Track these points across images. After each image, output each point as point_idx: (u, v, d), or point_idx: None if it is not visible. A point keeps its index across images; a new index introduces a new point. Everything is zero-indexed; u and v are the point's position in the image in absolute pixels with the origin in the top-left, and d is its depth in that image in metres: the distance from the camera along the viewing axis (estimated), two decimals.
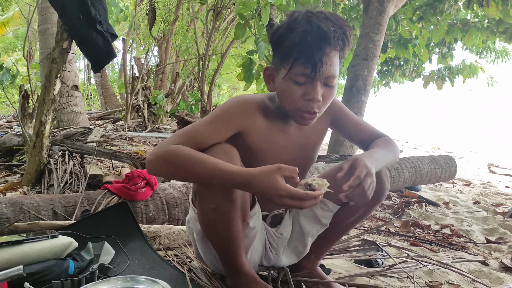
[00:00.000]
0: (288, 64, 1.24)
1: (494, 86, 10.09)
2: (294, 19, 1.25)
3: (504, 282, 2.06)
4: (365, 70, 4.38)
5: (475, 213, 3.74)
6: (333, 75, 1.25)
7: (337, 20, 1.23)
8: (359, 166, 1.19)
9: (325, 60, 1.21)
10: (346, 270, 1.86)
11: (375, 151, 1.34)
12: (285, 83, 1.27)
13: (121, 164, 3.49)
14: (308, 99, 1.25)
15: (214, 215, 1.26)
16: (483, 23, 7.14)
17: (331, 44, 1.21)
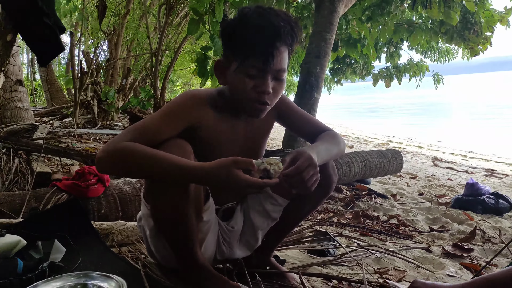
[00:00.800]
0: (240, 57, 1.28)
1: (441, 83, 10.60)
2: (245, 14, 1.29)
3: (445, 267, 2.20)
4: (318, 67, 4.48)
5: (420, 204, 3.94)
6: (283, 69, 1.30)
7: (286, 17, 1.29)
8: (301, 157, 1.21)
9: (275, 54, 1.26)
10: (300, 261, 1.92)
11: (319, 145, 1.39)
12: (237, 76, 1.31)
13: (70, 161, 3.39)
14: (259, 91, 1.29)
15: (167, 211, 1.27)
16: (427, 24, 7.51)
17: (281, 39, 1.26)
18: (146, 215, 1.39)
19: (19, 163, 2.75)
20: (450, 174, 7.32)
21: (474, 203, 3.88)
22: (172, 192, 1.24)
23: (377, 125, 21.36)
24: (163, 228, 1.34)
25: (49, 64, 11.67)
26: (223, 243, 1.54)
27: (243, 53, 1.27)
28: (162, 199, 1.26)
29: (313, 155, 1.24)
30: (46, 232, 1.70)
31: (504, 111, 25.26)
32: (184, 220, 1.28)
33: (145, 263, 1.62)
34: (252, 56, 1.26)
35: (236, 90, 1.33)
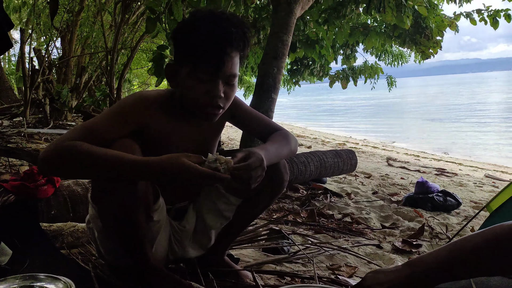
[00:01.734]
0: (191, 62, 1.28)
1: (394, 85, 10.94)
2: (197, 19, 1.30)
3: (394, 262, 2.28)
4: (275, 68, 4.52)
5: (373, 202, 4.06)
6: (234, 74, 1.32)
7: (238, 22, 1.30)
8: (253, 157, 1.23)
9: (227, 60, 1.27)
10: (254, 259, 1.94)
11: (270, 145, 1.41)
12: (188, 81, 1.31)
13: (20, 162, 3.26)
14: (211, 96, 1.30)
15: (115, 211, 1.26)
16: (381, 28, 7.74)
17: (233, 45, 1.27)
18: (94, 216, 1.37)
19: None
20: (403, 173, 7.57)
21: (424, 201, 4.05)
22: (119, 192, 1.22)
23: (334, 126, 21.83)
24: (111, 229, 1.32)
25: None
26: (175, 242, 1.53)
27: (195, 58, 1.28)
28: (109, 200, 1.24)
29: (263, 156, 1.26)
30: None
31: (454, 112, 26.48)
32: (132, 220, 1.26)
33: (95, 265, 1.58)
34: (203, 62, 1.27)
35: (188, 94, 1.33)
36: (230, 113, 1.53)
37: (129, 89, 15.52)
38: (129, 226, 1.28)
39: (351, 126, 21.71)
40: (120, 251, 1.37)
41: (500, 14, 6.80)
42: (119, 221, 1.27)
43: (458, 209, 4.06)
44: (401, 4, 5.70)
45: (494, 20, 6.90)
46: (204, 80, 1.29)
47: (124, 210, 1.25)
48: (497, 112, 25.00)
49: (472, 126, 18.96)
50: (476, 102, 33.93)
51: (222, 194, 1.54)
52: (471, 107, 29.00)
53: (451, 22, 7.52)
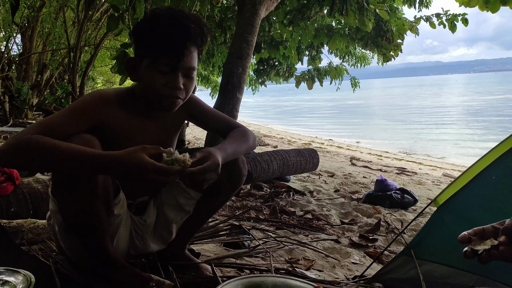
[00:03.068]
0: (152, 55, 1.35)
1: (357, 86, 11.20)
2: (157, 15, 1.37)
3: (351, 255, 2.39)
4: (240, 68, 4.58)
5: (335, 200, 4.19)
6: (193, 67, 1.40)
7: (196, 20, 1.39)
8: (210, 160, 1.28)
9: (186, 53, 1.35)
10: (215, 253, 1.99)
11: (229, 143, 1.47)
12: (148, 73, 1.37)
13: None
14: (171, 87, 1.36)
15: (75, 206, 1.28)
16: (345, 30, 7.93)
17: (192, 40, 1.36)
18: (55, 211, 1.38)
19: None
20: (365, 172, 7.79)
21: (382, 198, 4.21)
22: (79, 186, 1.24)
23: (300, 126, 22.11)
24: (72, 223, 1.34)
25: None
26: (136, 237, 1.56)
27: (155, 51, 1.35)
28: (69, 194, 1.26)
29: (220, 158, 1.32)
30: None
31: (416, 113, 27.32)
32: (92, 214, 1.29)
33: (56, 260, 1.59)
34: (163, 54, 1.34)
35: (148, 86, 1.39)
36: (189, 111, 1.59)
37: (93, 87, 15.20)
38: (88, 221, 1.30)
39: (317, 126, 22.05)
40: (80, 246, 1.39)
41: (458, 19, 7.09)
42: (79, 216, 1.29)
43: (415, 206, 4.23)
44: (363, 8, 5.88)
45: (452, 24, 7.18)
46: (165, 72, 1.36)
47: (83, 204, 1.27)
48: (456, 114, 26.00)
49: (433, 127, 19.67)
50: (437, 103, 35.14)
51: (183, 189, 1.59)
52: (432, 109, 30.02)
53: (411, 26, 7.78)
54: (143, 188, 1.58)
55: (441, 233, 1.84)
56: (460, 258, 1.77)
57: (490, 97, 39.03)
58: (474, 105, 31.00)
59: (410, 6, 7.73)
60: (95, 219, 1.31)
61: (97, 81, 16.21)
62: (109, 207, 1.38)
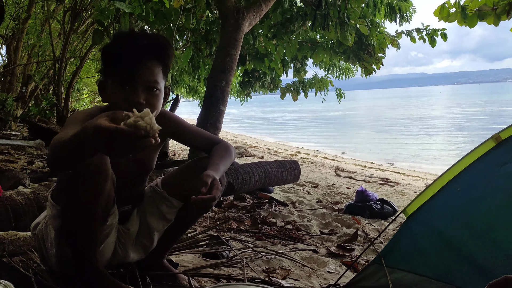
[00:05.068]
0: (111, 73, 1.46)
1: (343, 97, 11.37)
2: (117, 37, 1.51)
3: (327, 265, 2.46)
4: (223, 81, 4.67)
5: (316, 211, 4.26)
6: (153, 80, 1.47)
7: (157, 38, 1.51)
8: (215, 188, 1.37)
9: (142, 67, 1.44)
10: (194, 264, 2.05)
11: (220, 162, 1.56)
12: (111, 91, 1.47)
13: None
14: (130, 101, 1.42)
15: (78, 209, 1.35)
16: (328, 43, 8.10)
17: (147, 55, 1.45)
18: (53, 216, 1.43)
19: None
20: (349, 183, 7.86)
21: (363, 209, 4.29)
22: (84, 193, 1.31)
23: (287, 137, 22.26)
24: (69, 229, 1.40)
25: None
26: (118, 245, 1.62)
27: (113, 68, 1.46)
28: (74, 200, 1.33)
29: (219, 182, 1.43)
30: None
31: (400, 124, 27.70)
32: (91, 222, 1.36)
33: (36, 271, 1.64)
34: (120, 69, 1.44)
35: (113, 103, 1.49)
36: (171, 130, 1.67)
37: (78, 98, 15.15)
38: (87, 228, 1.37)
39: (303, 137, 22.23)
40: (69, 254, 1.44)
41: (437, 33, 7.31)
42: (79, 222, 1.36)
43: (394, 216, 4.32)
44: (344, 23, 6.03)
45: (432, 39, 7.38)
46: (125, 88, 1.44)
47: (86, 212, 1.34)
48: (440, 125, 26.43)
49: (417, 138, 19.97)
50: (421, 114, 35.69)
51: (165, 198, 1.67)
52: (416, 120, 30.48)
53: (392, 40, 7.98)
54: (126, 197, 1.63)
55: (410, 243, 1.93)
56: (427, 266, 1.86)
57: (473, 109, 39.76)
58: (458, 117, 31.57)
59: (392, 21, 7.94)
60: (94, 228, 1.38)
61: (83, 92, 16.16)
62: (106, 216, 1.44)
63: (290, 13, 6.69)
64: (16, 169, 3.32)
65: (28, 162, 4.60)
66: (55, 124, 7.15)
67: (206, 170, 1.46)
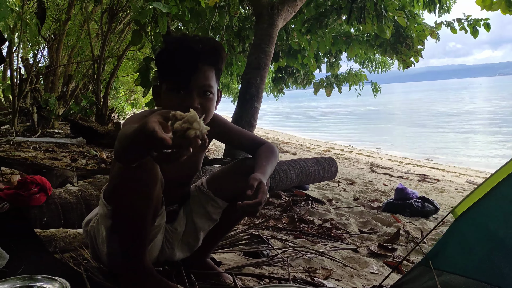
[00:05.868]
0: (167, 78, 1.48)
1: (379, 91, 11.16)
2: (170, 42, 1.51)
3: (369, 265, 2.42)
4: (258, 78, 4.66)
5: (354, 208, 4.20)
6: (208, 85, 1.48)
7: (209, 41, 1.51)
8: (261, 192, 1.37)
9: (196, 73, 1.45)
10: (235, 262, 2.06)
11: (266, 164, 1.56)
12: (167, 96, 1.48)
13: (10, 170, 3.33)
14: (185, 106, 1.40)
15: (129, 211, 1.37)
16: (363, 37, 7.94)
17: (201, 59, 1.46)
18: (104, 215, 1.47)
19: None
20: (386, 179, 7.71)
21: (402, 207, 4.19)
22: (135, 194, 1.34)
23: (319, 132, 22.05)
24: (120, 229, 1.43)
25: None
26: (166, 244, 1.66)
27: (169, 74, 1.47)
28: (125, 200, 1.36)
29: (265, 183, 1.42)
30: None
31: (438, 118, 26.92)
32: (143, 222, 1.39)
33: (87, 268, 1.69)
34: (175, 76, 1.45)
35: (168, 108, 1.46)
36: (217, 132, 1.67)
37: (116, 96, 15.53)
38: (138, 228, 1.40)
39: (336, 132, 21.94)
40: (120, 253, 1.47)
41: (480, 23, 7.04)
42: (131, 223, 1.39)
43: (436, 215, 4.20)
44: (381, 15, 5.89)
45: (474, 29, 7.12)
46: (180, 93, 1.45)
47: (137, 213, 1.37)
48: (481, 118, 25.47)
49: (456, 132, 19.31)
50: (461, 108, 34.52)
51: (211, 198, 1.69)
52: (455, 113, 29.51)
53: (432, 31, 7.74)
54: (173, 196, 1.65)
55: (459, 244, 1.86)
56: (477, 269, 1.79)
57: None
58: (500, 110, 30.34)
59: (430, 12, 7.71)
60: (144, 228, 1.41)
61: (120, 91, 16.56)
62: (154, 217, 1.47)
63: (324, 6, 6.59)
64: (62, 167, 3.43)
65: (71, 160, 4.76)
66: (94, 122, 7.36)
67: (253, 173, 1.46)
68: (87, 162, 4.83)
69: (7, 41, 7.50)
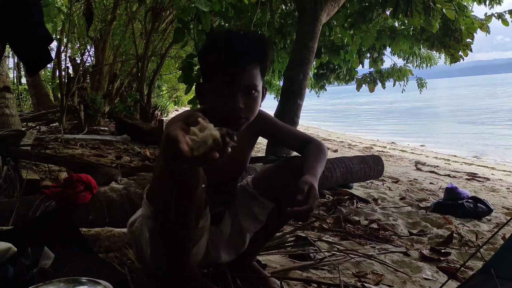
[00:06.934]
0: (210, 78, 1.42)
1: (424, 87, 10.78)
2: (214, 39, 1.45)
3: (422, 270, 2.29)
4: (300, 74, 4.58)
5: (401, 208, 4.05)
6: (252, 84, 1.41)
7: (255, 37, 1.42)
8: (312, 197, 1.30)
9: (241, 72, 1.38)
10: (281, 265, 2.00)
11: (318, 167, 1.49)
12: (210, 96, 1.43)
13: (58, 167, 3.42)
14: (230, 107, 1.39)
15: (172, 213, 1.33)
16: (409, 31, 7.67)
17: (247, 58, 1.38)
18: (147, 216, 1.45)
19: (8, 170, 2.78)
20: (432, 178, 7.43)
21: (453, 207, 3.99)
22: (178, 195, 1.29)
23: (361, 128, 21.60)
24: (163, 230, 1.39)
25: None
26: (211, 247, 1.61)
27: (212, 74, 1.41)
28: (168, 201, 1.32)
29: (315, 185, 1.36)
30: (36, 239, 1.75)
31: (486, 114, 25.75)
32: (186, 224, 1.35)
33: (131, 269, 1.68)
34: (219, 75, 1.39)
35: (212, 108, 1.44)
36: (263, 129, 1.62)
37: (159, 94, 15.83)
38: (180, 230, 1.36)
39: (378, 129, 21.43)
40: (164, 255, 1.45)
41: None
42: (173, 224, 1.35)
43: (489, 216, 3.99)
44: (429, 8, 5.65)
45: None
46: (223, 93, 1.39)
47: (180, 214, 1.32)
48: None
49: (506, 129, 18.39)
50: (510, 103, 32.87)
51: (257, 198, 1.63)
52: (504, 110, 28.11)
53: (481, 24, 7.37)
54: (219, 198, 1.61)
55: None
56: None
57: None
58: None
59: (480, 3, 7.34)
60: (187, 230, 1.36)
61: (163, 89, 16.87)
62: (198, 219, 1.43)
63: (369, 0, 6.40)
64: (107, 164, 3.49)
65: (116, 157, 4.85)
66: (139, 120, 7.51)
67: (301, 173, 1.40)
68: (131, 159, 4.91)
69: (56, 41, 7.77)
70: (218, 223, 1.64)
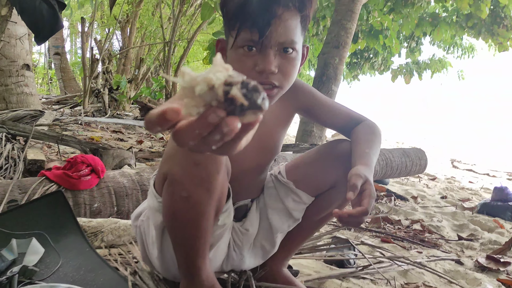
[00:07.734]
0: (234, 30, 1.02)
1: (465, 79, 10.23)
2: None
3: (481, 283, 1.92)
4: (336, 58, 4.21)
5: (444, 208, 3.65)
6: (289, 40, 1.02)
7: None
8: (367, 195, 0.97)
9: (275, 23, 0.99)
10: (316, 271, 1.67)
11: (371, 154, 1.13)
12: (234, 54, 1.04)
13: (71, 149, 3.18)
14: (260, 70, 1.01)
15: (184, 205, 0.99)
16: (452, 18, 7.14)
17: (282, 4, 0.99)
18: (155, 209, 1.10)
19: (12, 149, 2.53)
20: (470, 176, 7.05)
21: (503, 209, 3.59)
22: (193, 183, 0.96)
23: (393, 122, 20.98)
24: (172, 226, 1.05)
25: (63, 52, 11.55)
26: (234, 248, 1.28)
27: (237, 25, 1.01)
28: (179, 190, 0.98)
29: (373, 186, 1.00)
30: (24, 228, 1.48)
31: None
32: (200, 219, 1.01)
33: (135, 270, 1.38)
34: (246, 28, 1.00)
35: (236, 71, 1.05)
36: (304, 104, 1.26)
37: None
38: (194, 226, 1.02)
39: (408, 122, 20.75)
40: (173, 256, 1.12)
41: None
42: (185, 219, 1.01)
43: None
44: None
45: None
46: (251, 51, 1.02)
47: (193, 206, 0.99)
48: None
49: None
50: None
51: (292, 190, 1.28)
52: None
53: None
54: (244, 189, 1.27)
55: None
56: None
57: None
58: None
59: None
60: (202, 226, 1.02)
61: None
62: (218, 215, 1.09)
63: None
64: (123, 148, 3.23)
65: (137, 142, 4.62)
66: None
67: (349, 161, 1.06)
68: (153, 144, 4.66)
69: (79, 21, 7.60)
70: (243, 219, 1.31)
